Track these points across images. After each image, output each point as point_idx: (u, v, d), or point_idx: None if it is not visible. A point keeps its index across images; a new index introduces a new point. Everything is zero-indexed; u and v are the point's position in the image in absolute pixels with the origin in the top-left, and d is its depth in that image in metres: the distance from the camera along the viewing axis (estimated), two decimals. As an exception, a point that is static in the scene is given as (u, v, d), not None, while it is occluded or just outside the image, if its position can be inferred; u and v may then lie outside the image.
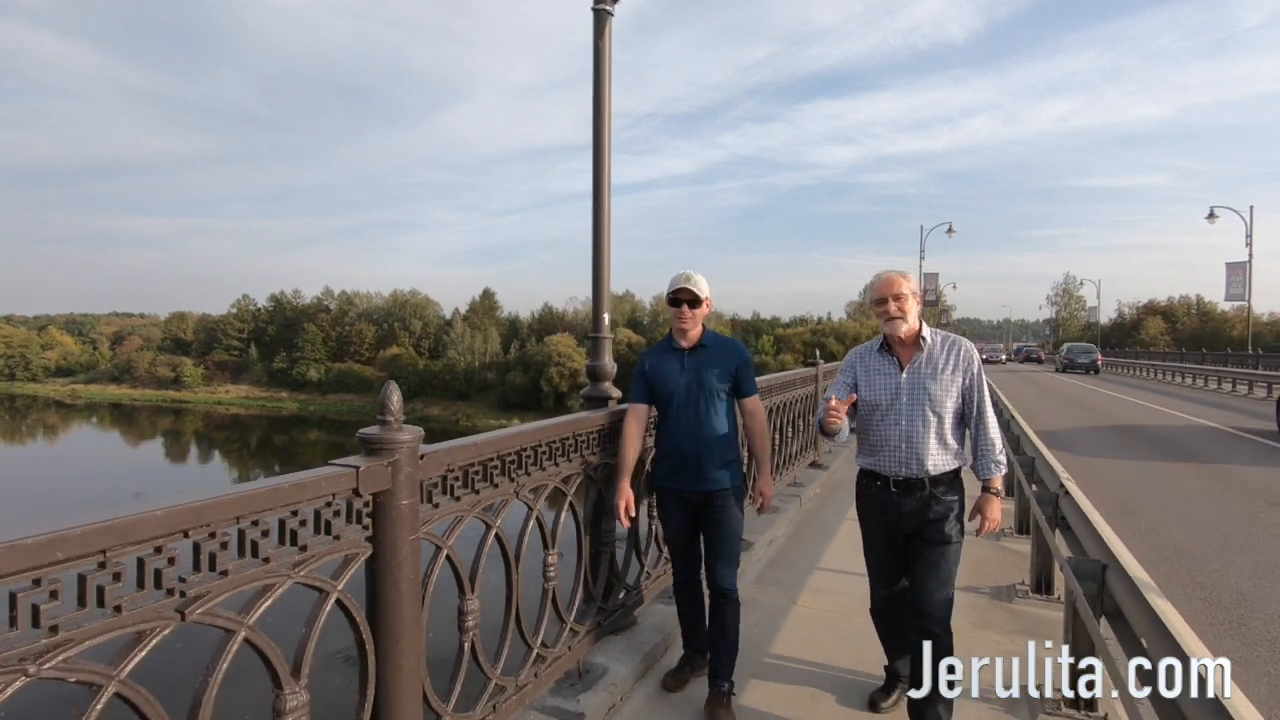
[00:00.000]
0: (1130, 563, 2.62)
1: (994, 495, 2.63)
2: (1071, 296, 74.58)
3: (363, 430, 1.85)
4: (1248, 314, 30.64)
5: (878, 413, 2.60)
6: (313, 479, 1.65)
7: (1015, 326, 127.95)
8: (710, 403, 2.85)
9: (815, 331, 53.95)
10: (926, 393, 2.53)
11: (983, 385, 2.61)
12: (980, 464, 2.63)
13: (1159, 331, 52.78)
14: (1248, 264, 28.39)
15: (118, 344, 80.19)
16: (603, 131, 3.85)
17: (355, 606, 1.78)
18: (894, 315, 2.53)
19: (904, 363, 2.60)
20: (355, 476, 1.74)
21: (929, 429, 2.53)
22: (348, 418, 57.08)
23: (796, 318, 66.71)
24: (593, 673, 2.88)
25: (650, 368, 2.97)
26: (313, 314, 70.07)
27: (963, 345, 2.61)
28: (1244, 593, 4.48)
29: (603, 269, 3.88)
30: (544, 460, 2.61)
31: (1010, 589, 4.24)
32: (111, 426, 56.97)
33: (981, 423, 2.59)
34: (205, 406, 63.26)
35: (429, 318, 68.13)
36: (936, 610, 2.53)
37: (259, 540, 1.53)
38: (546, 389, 51.13)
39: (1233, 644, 3.76)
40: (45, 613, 1.18)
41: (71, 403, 67.85)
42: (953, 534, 2.54)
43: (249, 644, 1.50)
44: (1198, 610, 4.15)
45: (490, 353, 60.08)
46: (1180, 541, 5.57)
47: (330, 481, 1.68)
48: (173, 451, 46.33)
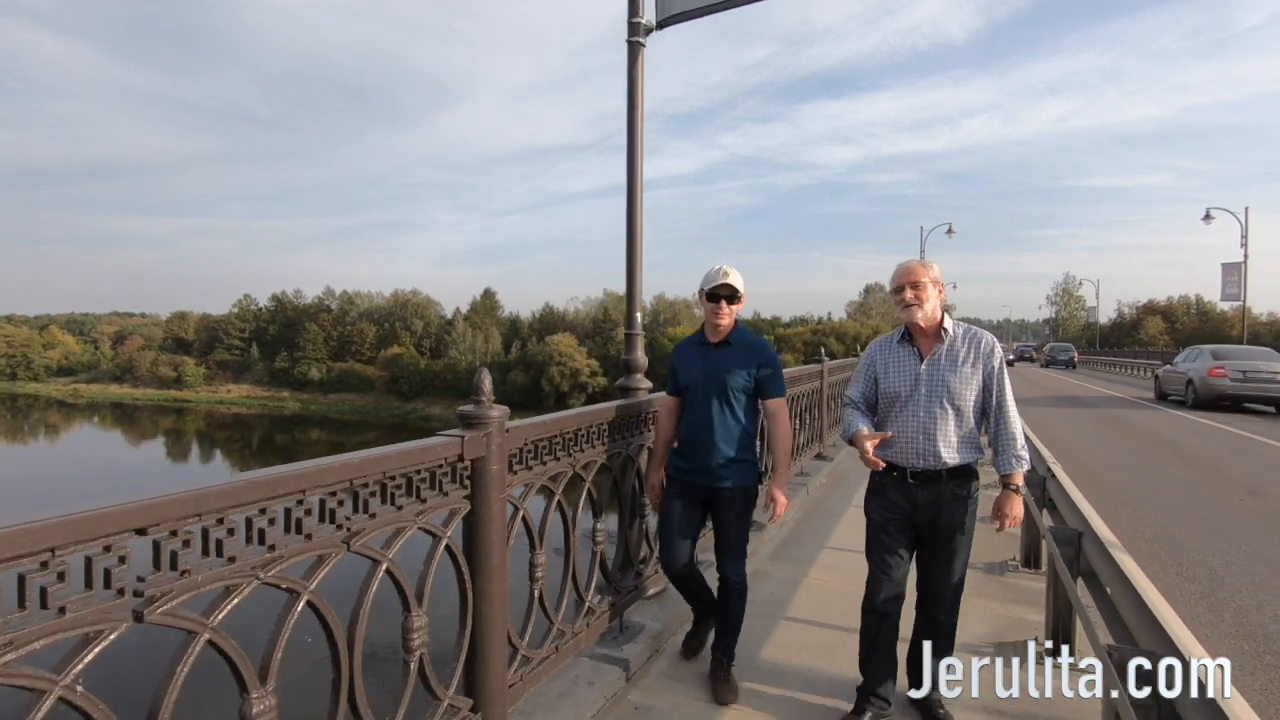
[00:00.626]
0: (1102, 529, 3.01)
1: (1014, 491, 2.57)
2: (1071, 296, 75.31)
3: (462, 408, 2.23)
4: (1243, 314, 31.32)
5: (897, 404, 2.60)
6: (431, 445, 2.04)
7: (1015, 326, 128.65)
8: (724, 400, 2.88)
9: (816, 331, 54.34)
10: (945, 385, 2.52)
11: (1004, 379, 2.58)
12: (1001, 459, 2.59)
13: (1158, 331, 53.14)
14: (1243, 264, 28.86)
15: (119, 344, 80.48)
16: (636, 154, 4.31)
17: (459, 550, 2.18)
18: (910, 303, 2.53)
19: (924, 354, 2.59)
20: (461, 444, 2.13)
21: (947, 421, 2.52)
22: (349, 417, 57.50)
23: (797, 318, 67.23)
24: (631, 629, 3.27)
25: (678, 360, 3.07)
26: (314, 314, 70.48)
27: (984, 338, 2.60)
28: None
29: (635, 278, 4.36)
30: (594, 440, 3.00)
31: (1003, 565, 4.62)
32: (113, 425, 57.28)
33: (1002, 416, 2.56)
34: (207, 406, 63.69)
35: (430, 317, 68.58)
36: (948, 600, 2.61)
37: (397, 492, 1.92)
38: (548, 388, 51.54)
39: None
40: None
41: (73, 402, 68.15)
42: (967, 527, 2.55)
43: (389, 574, 1.89)
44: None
45: (491, 352, 60.48)
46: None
47: (443, 448, 2.07)
48: (174, 450, 46.66)
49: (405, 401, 59.58)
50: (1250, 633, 3.82)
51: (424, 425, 48.79)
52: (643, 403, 3.48)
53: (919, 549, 2.65)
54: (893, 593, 2.65)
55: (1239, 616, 4.05)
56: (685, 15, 4.49)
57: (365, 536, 1.82)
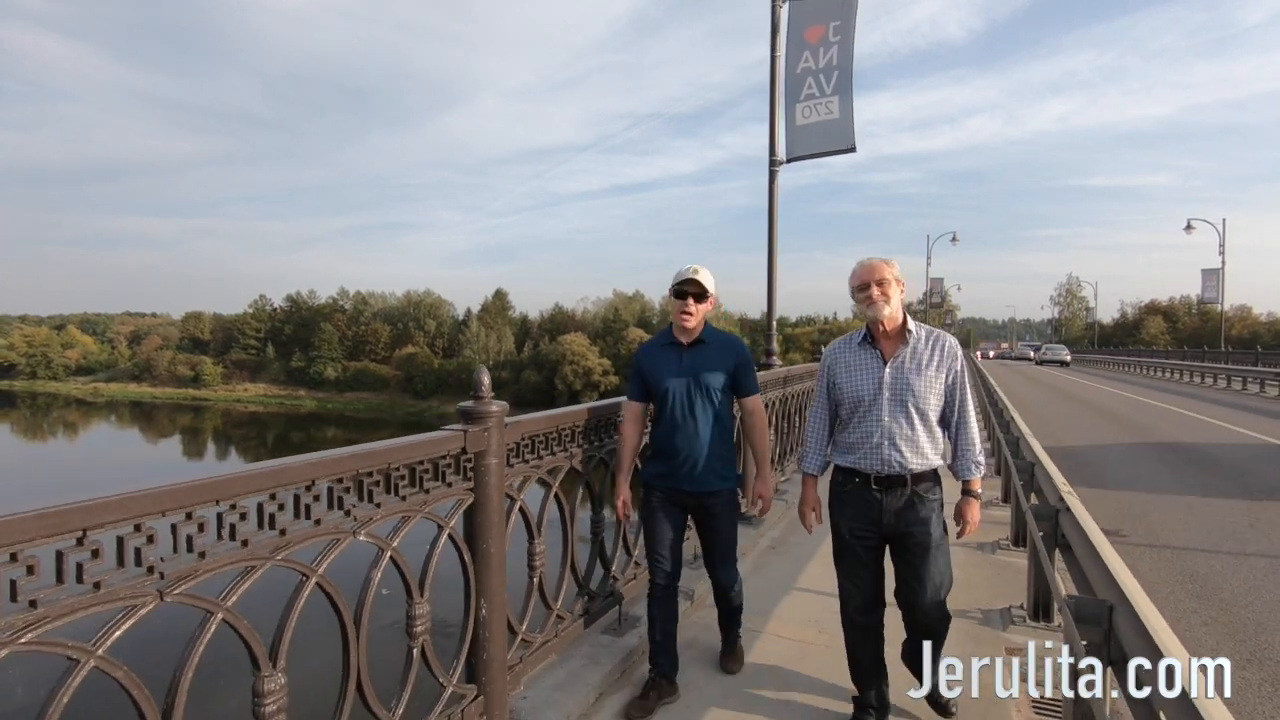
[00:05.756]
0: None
1: (974, 498, 2.58)
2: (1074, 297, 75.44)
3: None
4: (1220, 315, 37.10)
5: (860, 408, 2.52)
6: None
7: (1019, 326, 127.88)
8: (707, 401, 2.80)
9: (823, 331, 54.52)
10: (910, 388, 2.46)
11: (965, 383, 2.55)
12: (960, 464, 2.57)
13: (1159, 331, 53.40)
14: (1221, 270, 34.48)
15: (135, 343, 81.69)
16: (774, 255, 7.02)
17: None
18: (875, 300, 2.46)
19: (887, 356, 2.52)
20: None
21: (912, 426, 2.46)
22: (364, 415, 58.02)
23: (803, 317, 67.32)
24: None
25: (646, 362, 2.91)
26: (328, 314, 71.29)
27: (947, 341, 2.56)
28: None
29: (773, 320, 7.20)
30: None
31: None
32: (131, 423, 58.17)
33: (963, 422, 2.53)
34: (225, 404, 64.58)
35: (442, 317, 69.19)
36: (929, 608, 2.52)
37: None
38: (560, 387, 51.85)
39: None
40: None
41: (93, 400, 69.22)
42: (939, 534, 2.50)
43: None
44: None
45: (504, 351, 60.92)
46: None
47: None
48: (190, 448, 47.34)
49: (420, 400, 60.09)
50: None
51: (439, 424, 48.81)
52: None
53: (894, 561, 2.57)
54: (865, 602, 2.60)
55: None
56: (799, 158, 6.93)
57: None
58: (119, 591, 1.37)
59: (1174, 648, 1.89)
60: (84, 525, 1.31)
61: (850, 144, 6.43)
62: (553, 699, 2.70)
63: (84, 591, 1.33)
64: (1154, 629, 2.04)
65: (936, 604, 2.53)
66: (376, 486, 1.99)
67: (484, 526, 2.36)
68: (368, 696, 1.95)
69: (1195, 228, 32.21)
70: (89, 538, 1.33)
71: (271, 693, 1.67)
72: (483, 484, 2.35)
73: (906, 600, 2.56)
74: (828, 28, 6.29)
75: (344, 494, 1.89)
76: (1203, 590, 4.45)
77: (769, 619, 3.72)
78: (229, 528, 1.59)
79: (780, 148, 6.75)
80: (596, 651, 3.07)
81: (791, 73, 6.49)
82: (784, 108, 6.61)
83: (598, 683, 2.89)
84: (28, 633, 1.24)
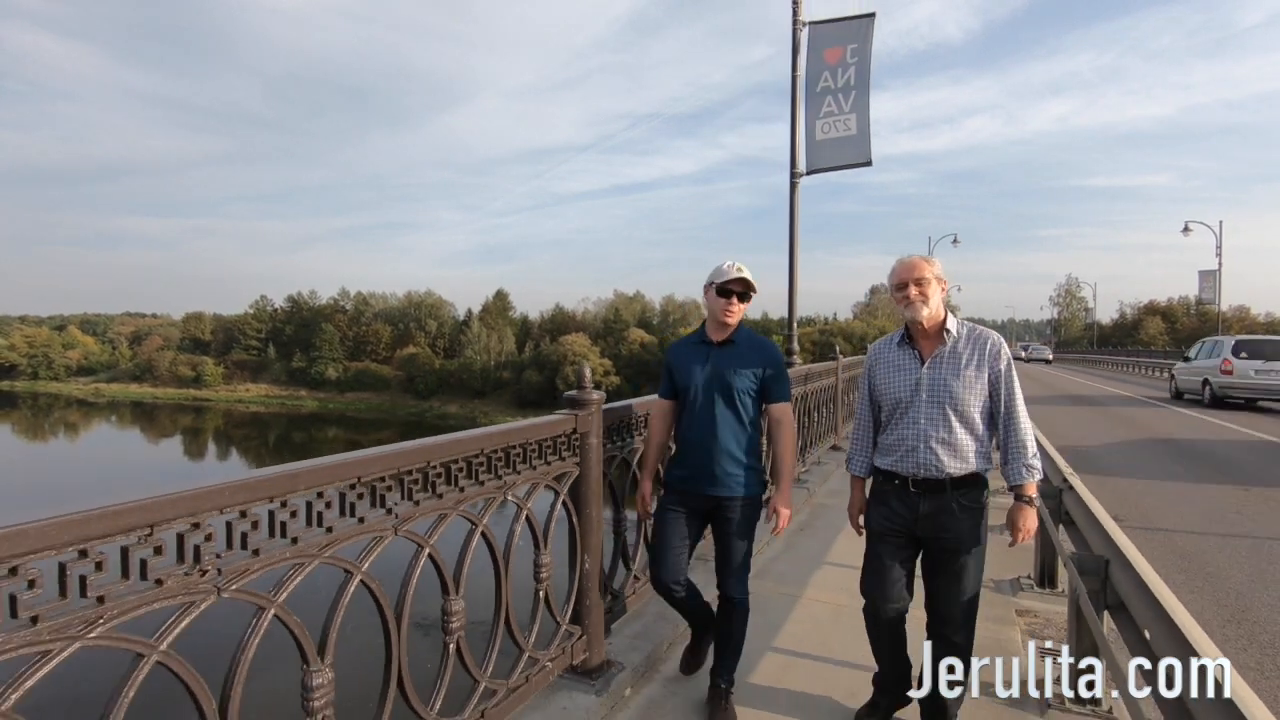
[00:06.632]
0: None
1: (1027, 504, 2.42)
2: (1073, 297, 76.26)
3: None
4: (1218, 316, 37.20)
5: (898, 410, 2.46)
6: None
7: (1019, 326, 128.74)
8: (730, 403, 2.72)
9: (824, 331, 54.99)
10: (948, 389, 2.37)
11: (1013, 382, 2.40)
12: (1011, 468, 2.42)
13: (1158, 331, 54.09)
14: (1218, 272, 34.81)
15: (136, 344, 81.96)
16: (794, 256, 7.95)
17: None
18: (914, 300, 2.38)
19: (925, 356, 2.44)
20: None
21: (951, 428, 2.37)
22: (366, 415, 58.45)
23: (805, 318, 67.72)
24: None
25: (675, 359, 2.89)
26: (329, 314, 71.74)
27: (990, 338, 2.43)
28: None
29: (793, 322, 8.36)
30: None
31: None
32: (132, 424, 58.44)
33: (1011, 423, 2.39)
34: (226, 404, 64.96)
35: (443, 318, 69.67)
36: (960, 619, 2.43)
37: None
38: (562, 387, 52.24)
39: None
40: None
41: (94, 401, 69.50)
42: (976, 541, 2.40)
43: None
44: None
45: (506, 352, 61.38)
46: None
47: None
48: (191, 449, 47.59)
49: (421, 400, 60.58)
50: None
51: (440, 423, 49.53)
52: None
53: (925, 565, 2.51)
54: (889, 601, 2.51)
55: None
56: (819, 171, 7.57)
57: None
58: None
59: (1162, 591, 2.17)
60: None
61: (867, 159, 6.92)
62: (635, 645, 3.17)
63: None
64: (1145, 576, 2.31)
65: (967, 612, 2.44)
66: (500, 462, 2.39)
67: (587, 495, 2.83)
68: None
69: (1193, 230, 32.42)
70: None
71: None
72: (586, 459, 2.81)
73: (930, 607, 2.50)
74: (845, 50, 6.79)
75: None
76: (1191, 565, 4.93)
77: (806, 586, 4.20)
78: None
79: (801, 160, 7.42)
80: (665, 609, 3.53)
81: (811, 91, 6.97)
82: (804, 123, 7.08)
83: (668, 635, 3.36)
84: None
